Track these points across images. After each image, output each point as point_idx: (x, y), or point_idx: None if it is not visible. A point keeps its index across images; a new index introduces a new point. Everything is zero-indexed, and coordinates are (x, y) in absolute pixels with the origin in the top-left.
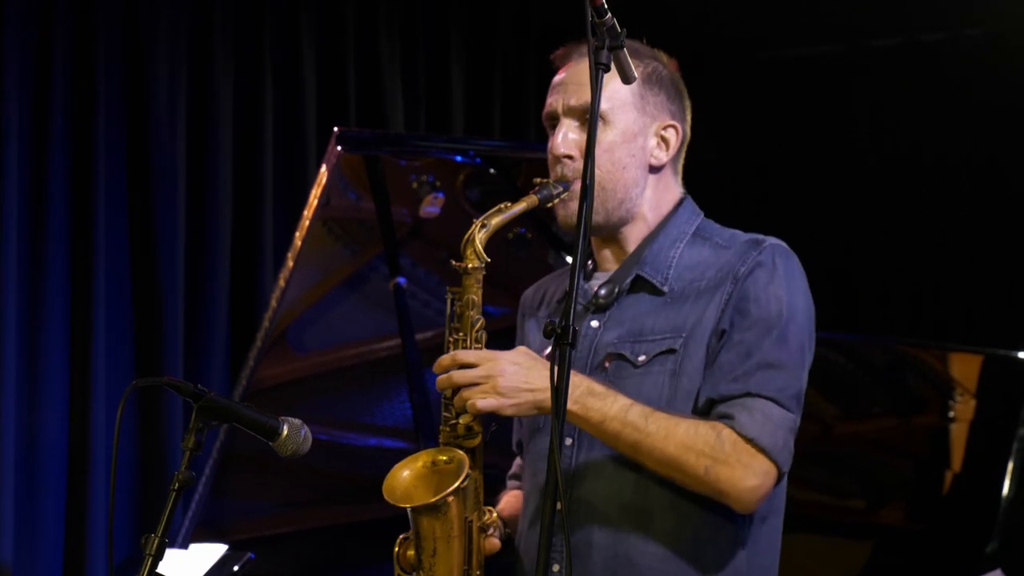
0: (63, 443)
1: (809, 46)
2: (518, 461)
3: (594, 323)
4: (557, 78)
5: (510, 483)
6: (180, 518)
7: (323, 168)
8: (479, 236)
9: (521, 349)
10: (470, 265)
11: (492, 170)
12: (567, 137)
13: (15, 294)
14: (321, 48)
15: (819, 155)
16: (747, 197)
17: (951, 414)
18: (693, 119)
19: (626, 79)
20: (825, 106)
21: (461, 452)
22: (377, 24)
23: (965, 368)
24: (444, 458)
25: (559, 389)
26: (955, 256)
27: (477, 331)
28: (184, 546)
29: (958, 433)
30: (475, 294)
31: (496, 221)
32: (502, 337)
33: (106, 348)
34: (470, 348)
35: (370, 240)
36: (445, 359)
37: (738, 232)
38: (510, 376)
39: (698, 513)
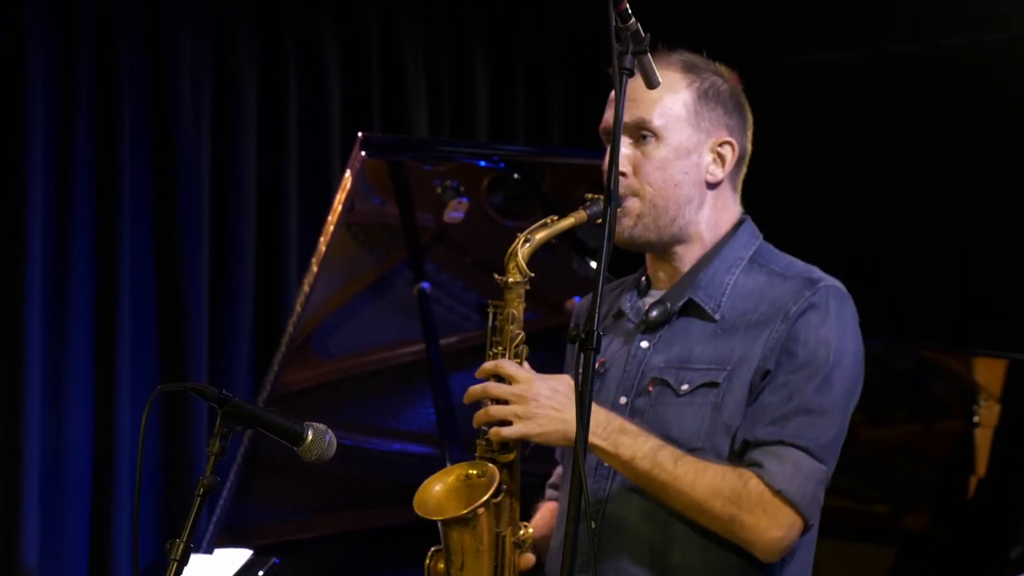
0: (88, 448)
1: (832, 50)
2: (558, 471)
3: (644, 344)
4: (614, 93)
5: (548, 492)
6: (205, 523)
7: (347, 173)
8: (522, 251)
9: (564, 378)
10: (511, 279)
11: (516, 175)
12: (620, 153)
13: (40, 299)
14: (345, 53)
15: (840, 159)
16: (768, 200)
17: (975, 419)
18: None
19: (650, 84)
20: (847, 110)
21: (493, 466)
22: (400, 29)
23: (989, 373)
24: (476, 472)
25: (583, 394)
26: (979, 260)
27: (517, 345)
28: (209, 551)
29: (982, 438)
30: (516, 308)
31: (541, 236)
32: (528, 342)
33: (131, 353)
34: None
35: (394, 245)
36: (488, 365)
37: (795, 261)
38: (543, 401)
39: (726, 544)
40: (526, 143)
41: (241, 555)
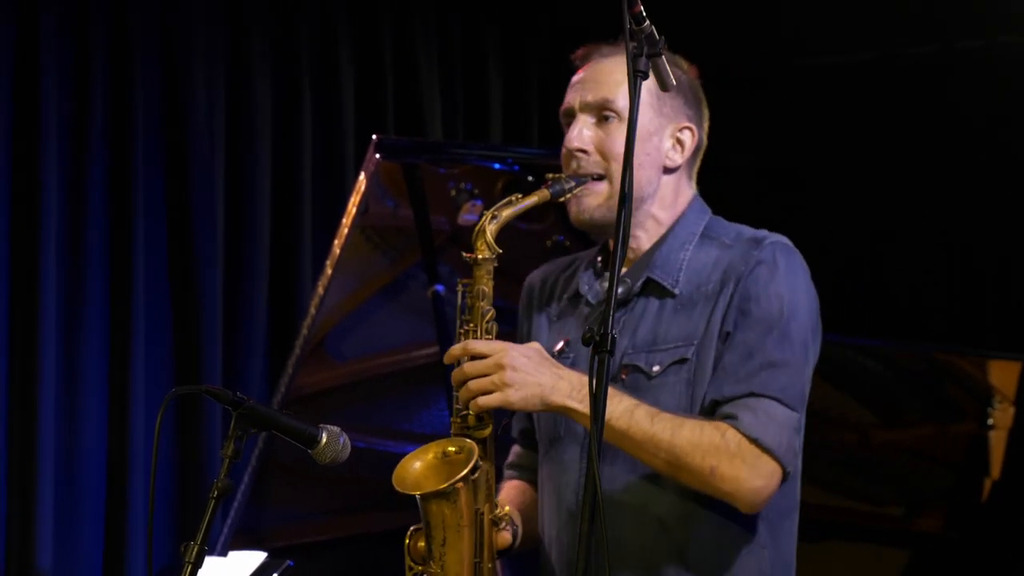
0: (102, 451)
1: (845, 53)
2: (516, 450)
3: None
4: (576, 76)
5: (508, 472)
6: (219, 525)
7: (361, 176)
8: (490, 228)
9: (534, 345)
10: (480, 256)
11: (530, 177)
12: (582, 133)
13: (55, 301)
14: (359, 56)
15: (854, 161)
16: (781, 203)
17: (989, 421)
18: (730, 124)
19: (664, 86)
20: (860, 112)
21: (471, 442)
22: (414, 32)
23: (1003, 375)
24: (454, 448)
25: (598, 396)
26: (993, 262)
27: (487, 322)
28: (223, 553)
29: (996, 441)
30: (486, 285)
31: (507, 213)
32: None
33: (145, 356)
34: (480, 338)
35: (408, 248)
36: (455, 349)
37: (744, 228)
38: (520, 367)
39: (720, 522)
40: (540, 145)
41: (255, 557)
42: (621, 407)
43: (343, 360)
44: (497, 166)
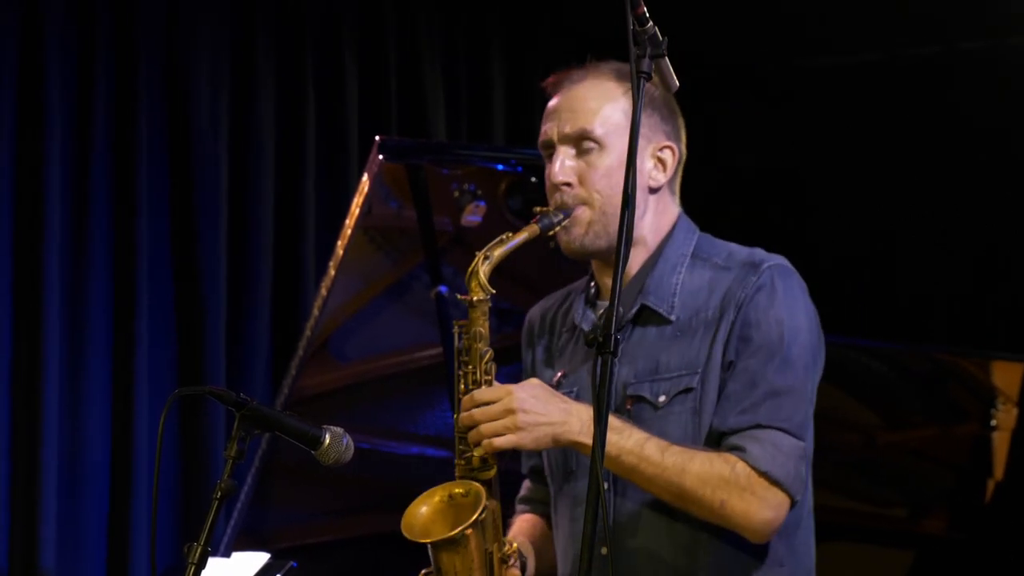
0: (106, 452)
1: (848, 54)
2: (526, 484)
3: None
4: (551, 105)
5: (519, 507)
6: (222, 526)
7: (365, 177)
8: (483, 269)
9: (535, 381)
10: (475, 298)
11: (533, 179)
12: (564, 164)
13: (58, 303)
14: (362, 57)
15: (856, 162)
16: (782, 203)
17: (993, 423)
18: (731, 125)
19: (668, 88)
20: (864, 113)
21: (477, 484)
22: (418, 33)
23: (1006, 376)
24: (461, 491)
25: (600, 398)
26: (996, 263)
27: (486, 363)
28: (226, 554)
29: (1000, 442)
30: (482, 326)
31: (498, 253)
32: None
33: (149, 357)
34: (480, 380)
35: (412, 249)
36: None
37: (736, 249)
38: (529, 409)
39: (735, 547)
40: None
41: (258, 558)
42: (631, 441)
43: (346, 361)
44: (500, 167)
